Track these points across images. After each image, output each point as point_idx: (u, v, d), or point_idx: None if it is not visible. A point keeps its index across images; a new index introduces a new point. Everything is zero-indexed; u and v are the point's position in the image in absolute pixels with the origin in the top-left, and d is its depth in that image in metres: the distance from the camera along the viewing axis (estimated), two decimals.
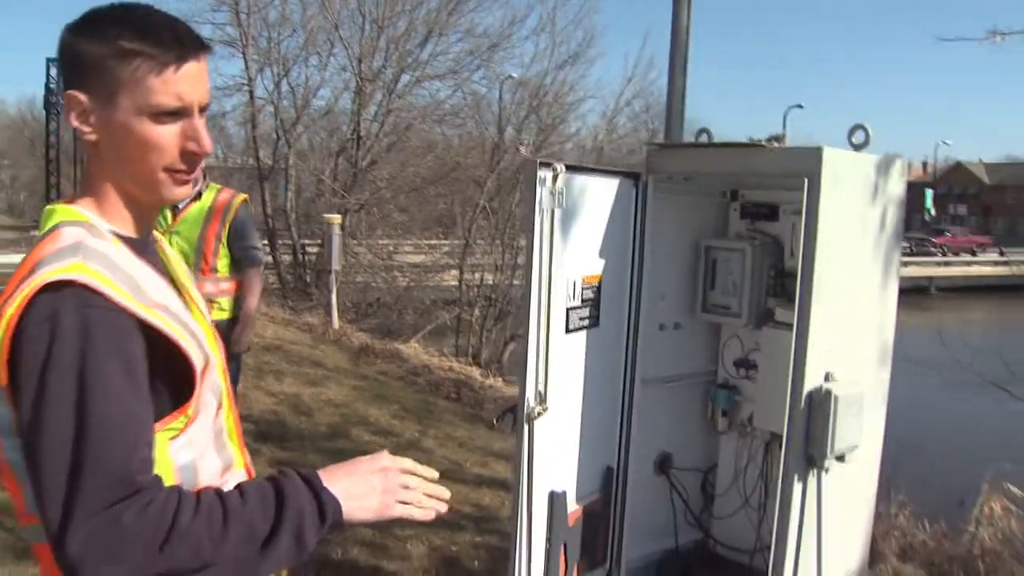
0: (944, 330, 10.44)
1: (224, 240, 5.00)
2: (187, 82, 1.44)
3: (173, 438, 1.41)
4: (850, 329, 3.48)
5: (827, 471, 3.35)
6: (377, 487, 1.46)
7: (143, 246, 1.53)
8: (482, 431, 9.67)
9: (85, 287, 1.30)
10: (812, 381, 3.30)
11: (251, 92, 19.61)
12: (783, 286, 3.92)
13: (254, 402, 8.80)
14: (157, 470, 1.33)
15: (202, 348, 1.46)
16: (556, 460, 3.53)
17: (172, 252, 1.71)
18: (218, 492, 1.36)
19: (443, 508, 1.53)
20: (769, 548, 3.89)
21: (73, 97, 1.42)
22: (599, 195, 3.59)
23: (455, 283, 22.71)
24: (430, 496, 1.52)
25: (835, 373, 3.33)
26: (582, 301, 3.54)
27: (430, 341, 19.47)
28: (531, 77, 21.83)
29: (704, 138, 3.99)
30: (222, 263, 5.04)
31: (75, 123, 1.44)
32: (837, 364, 3.34)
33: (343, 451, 7.61)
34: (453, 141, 23.35)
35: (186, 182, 1.50)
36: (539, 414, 3.31)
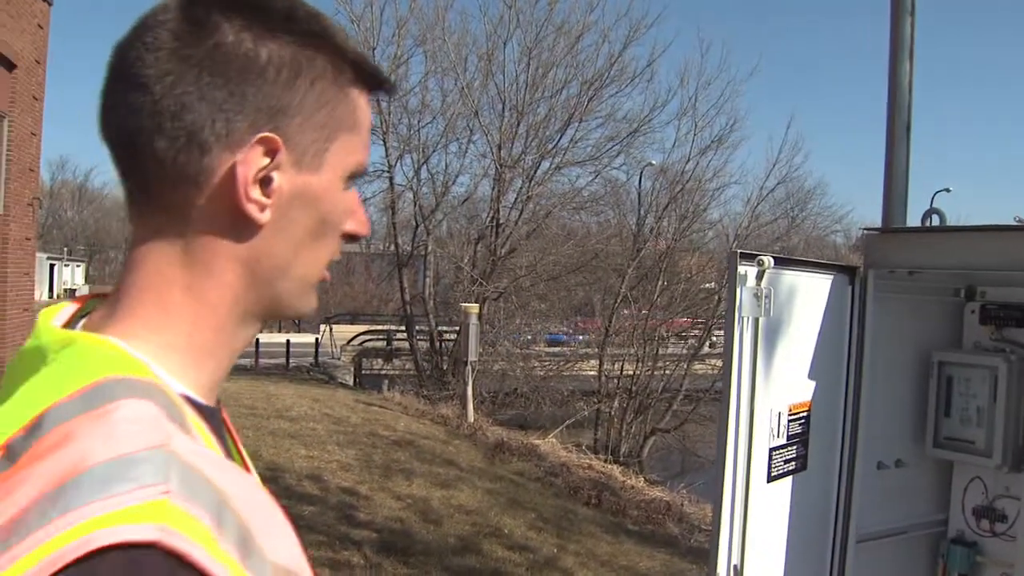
0: None
1: None
2: None
3: None
4: None
5: None
6: None
7: (215, 418, 0.79)
8: (627, 546, 8.82)
9: (170, 554, 0.57)
10: None
11: (391, 179, 19.67)
12: None
13: (379, 507, 8.23)
14: None
15: None
16: None
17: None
18: None
19: None
20: None
21: (271, 142, 0.73)
22: (809, 296, 2.76)
23: (593, 373, 21.96)
24: None
25: None
26: (788, 438, 2.67)
27: (568, 433, 18.72)
28: (672, 163, 21.20)
29: (934, 221, 3.12)
30: None
31: (254, 194, 0.73)
32: None
33: (473, 570, 6.88)
34: (592, 228, 22.83)
35: None
36: None
